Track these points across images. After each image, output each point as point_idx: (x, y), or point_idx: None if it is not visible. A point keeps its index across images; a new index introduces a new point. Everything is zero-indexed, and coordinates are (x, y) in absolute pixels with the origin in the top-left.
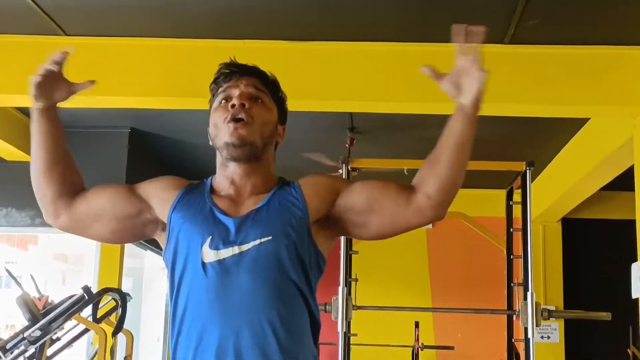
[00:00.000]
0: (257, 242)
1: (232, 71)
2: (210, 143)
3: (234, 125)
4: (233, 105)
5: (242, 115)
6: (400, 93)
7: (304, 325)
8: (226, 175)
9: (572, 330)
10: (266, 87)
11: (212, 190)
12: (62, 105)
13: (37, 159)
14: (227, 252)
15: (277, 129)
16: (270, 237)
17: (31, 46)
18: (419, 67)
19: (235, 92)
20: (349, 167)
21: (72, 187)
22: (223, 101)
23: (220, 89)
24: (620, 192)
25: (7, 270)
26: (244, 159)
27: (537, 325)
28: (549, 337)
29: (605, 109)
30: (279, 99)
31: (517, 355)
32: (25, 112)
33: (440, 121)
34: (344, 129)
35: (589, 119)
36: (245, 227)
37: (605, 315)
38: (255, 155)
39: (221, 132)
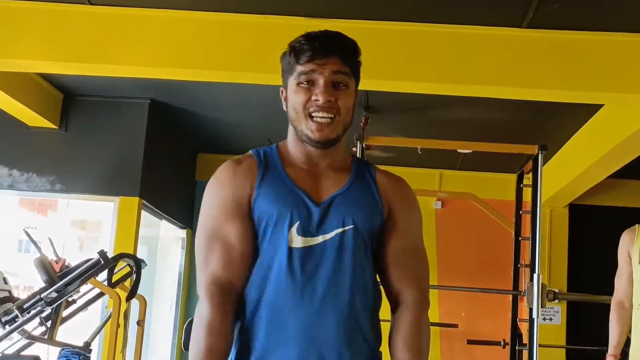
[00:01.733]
0: (340, 230)
1: (315, 49)
2: (285, 109)
3: (318, 126)
4: (317, 100)
5: (328, 115)
6: (416, 73)
7: (377, 305)
8: (302, 151)
9: (574, 314)
10: (348, 65)
11: (283, 160)
12: (86, 73)
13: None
14: (313, 240)
15: (354, 103)
16: (352, 226)
17: (55, 14)
18: (436, 47)
19: (320, 81)
20: (363, 145)
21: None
22: (304, 83)
23: (301, 68)
24: (629, 180)
25: (26, 232)
26: (324, 147)
27: (542, 307)
28: (551, 319)
29: (619, 96)
30: (357, 71)
31: (520, 336)
32: (47, 78)
33: (451, 102)
34: (359, 107)
35: (602, 105)
36: (329, 215)
37: (607, 299)
38: (335, 143)
39: (302, 121)
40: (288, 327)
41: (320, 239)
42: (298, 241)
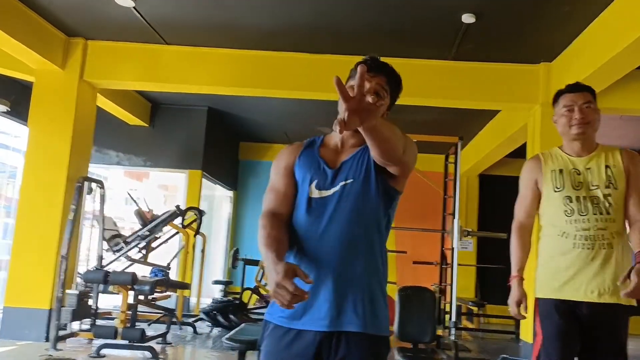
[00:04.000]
0: (343, 183)
1: (371, 67)
2: None
3: (342, 124)
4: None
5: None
6: None
7: (374, 235)
8: (338, 137)
9: (482, 244)
10: (389, 84)
11: (323, 144)
12: (166, 90)
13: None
14: (326, 192)
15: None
16: (351, 180)
17: (145, 51)
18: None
19: (368, 86)
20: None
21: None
22: (355, 86)
23: (353, 78)
24: (518, 159)
25: (129, 194)
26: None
27: (460, 240)
28: (466, 248)
29: (510, 104)
30: (395, 93)
31: (446, 259)
32: (141, 93)
33: (404, 109)
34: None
35: (499, 110)
36: (338, 175)
37: (502, 235)
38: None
39: (340, 113)
40: (305, 247)
41: (331, 190)
42: (315, 193)
